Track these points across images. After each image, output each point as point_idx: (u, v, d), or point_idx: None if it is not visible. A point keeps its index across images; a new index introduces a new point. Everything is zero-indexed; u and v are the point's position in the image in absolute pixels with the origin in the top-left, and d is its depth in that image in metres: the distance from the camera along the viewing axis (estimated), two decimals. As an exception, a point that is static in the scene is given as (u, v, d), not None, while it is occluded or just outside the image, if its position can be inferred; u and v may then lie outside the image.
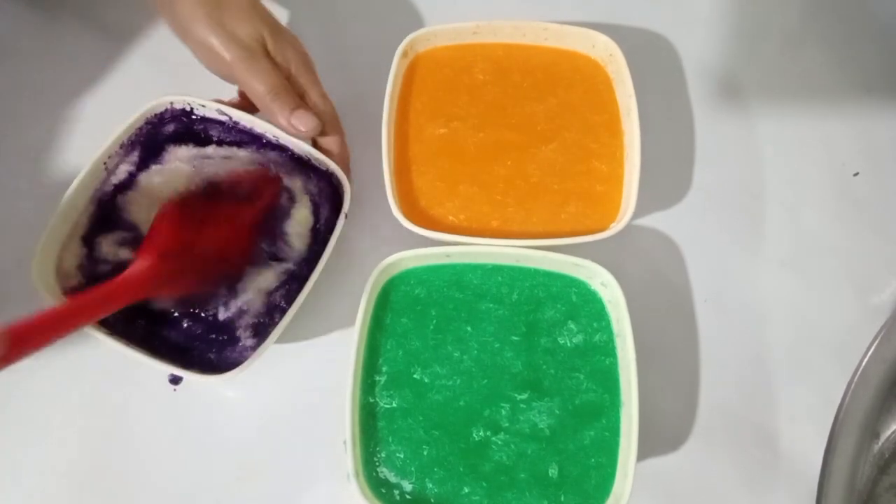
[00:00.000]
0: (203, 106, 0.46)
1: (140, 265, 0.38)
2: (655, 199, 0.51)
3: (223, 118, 0.47)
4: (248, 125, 0.47)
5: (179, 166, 0.45)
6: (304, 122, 0.44)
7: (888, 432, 0.45)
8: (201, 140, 0.47)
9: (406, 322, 0.44)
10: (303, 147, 0.46)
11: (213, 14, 0.42)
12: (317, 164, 0.46)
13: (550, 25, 0.50)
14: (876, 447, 0.44)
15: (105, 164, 0.44)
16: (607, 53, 0.50)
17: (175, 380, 0.46)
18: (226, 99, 0.47)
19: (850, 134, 0.54)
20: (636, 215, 0.45)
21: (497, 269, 0.46)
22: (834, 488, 0.40)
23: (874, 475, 0.44)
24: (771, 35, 0.57)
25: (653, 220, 0.51)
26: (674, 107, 0.54)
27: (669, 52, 0.56)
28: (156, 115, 0.46)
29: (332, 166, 0.45)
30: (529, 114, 0.49)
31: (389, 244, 0.46)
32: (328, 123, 0.46)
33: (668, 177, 0.52)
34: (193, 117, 0.47)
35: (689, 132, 0.54)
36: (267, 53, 0.44)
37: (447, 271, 0.45)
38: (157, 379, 0.46)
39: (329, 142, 0.46)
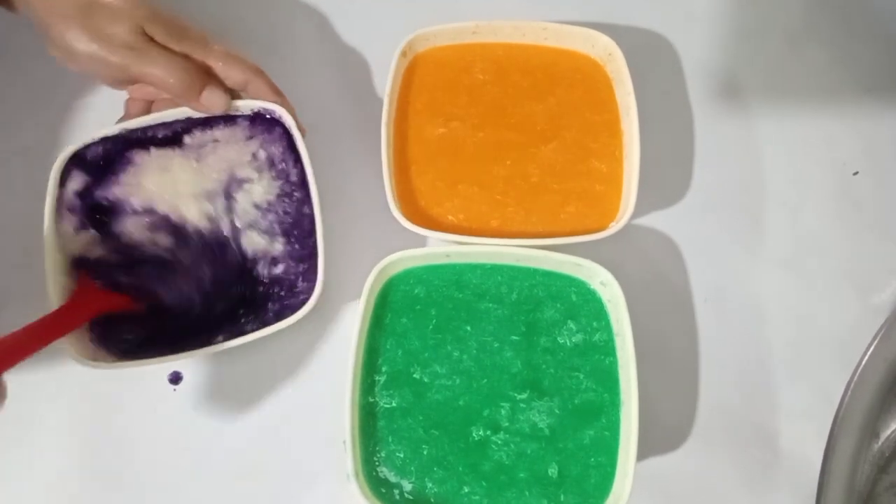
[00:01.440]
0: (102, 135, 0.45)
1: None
2: (655, 199, 0.51)
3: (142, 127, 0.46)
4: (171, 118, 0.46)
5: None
6: (214, 101, 0.44)
7: (888, 432, 0.45)
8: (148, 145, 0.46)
9: (406, 322, 0.44)
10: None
11: (86, 24, 0.41)
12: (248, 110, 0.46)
13: (550, 25, 0.50)
14: (876, 447, 0.44)
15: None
16: (607, 53, 0.50)
17: (175, 379, 0.46)
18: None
19: (850, 134, 0.54)
20: (636, 215, 0.45)
21: (497, 269, 0.46)
22: (834, 488, 0.40)
23: (874, 475, 0.44)
24: (771, 35, 0.57)
25: (652, 220, 0.51)
26: (674, 107, 0.54)
27: (669, 52, 0.56)
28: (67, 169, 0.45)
29: (262, 104, 0.45)
30: (529, 114, 0.49)
31: (389, 244, 0.46)
32: (246, 73, 0.45)
33: (668, 177, 0.52)
34: (111, 145, 0.46)
35: (689, 132, 0.53)
36: (152, 41, 0.43)
37: (447, 271, 0.45)
38: (157, 379, 0.46)
39: (256, 89, 0.46)
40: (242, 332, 0.42)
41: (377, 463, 0.41)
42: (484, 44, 0.51)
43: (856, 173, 0.53)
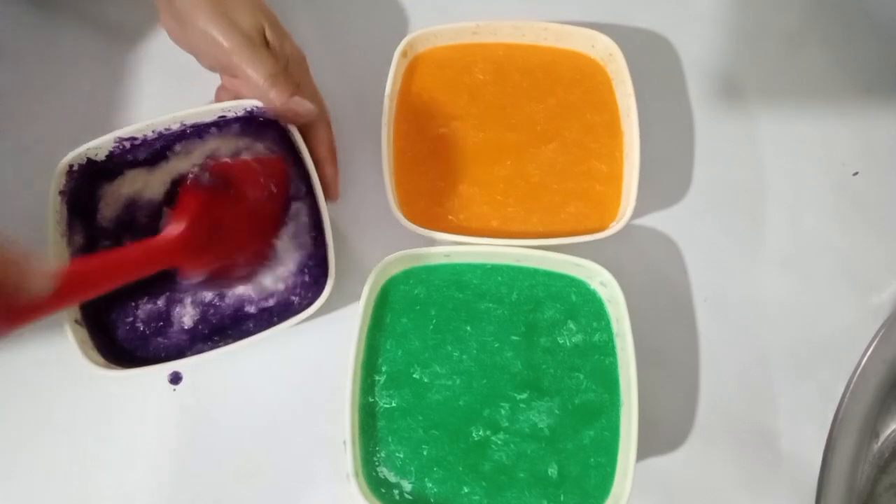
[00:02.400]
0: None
1: (173, 230, 0.38)
2: (655, 199, 0.51)
3: (145, 136, 0.45)
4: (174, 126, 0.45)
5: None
6: (302, 105, 0.44)
7: (888, 432, 0.45)
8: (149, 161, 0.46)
9: (406, 322, 0.44)
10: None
11: (215, 3, 0.43)
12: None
13: (550, 25, 0.50)
14: (876, 447, 0.44)
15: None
16: (607, 53, 0.50)
17: (175, 379, 0.46)
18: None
19: (850, 134, 0.54)
20: (636, 215, 0.45)
21: (497, 269, 0.46)
22: (834, 488, 0.40)
23: (874, 475, 0.44)
24: (771, 35, 0.57)
25: (652, 220, 0.51)
26: (674, 107, 0.54)
27: (669, 52, 0.56)
28: (69, 178, 0.44)
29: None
30: (529, 114, 0.49)
31: (389, 244, 0.46)
32: (322, 115, 0.46)
33: (668, 177, 0.52)
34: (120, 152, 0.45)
35: (689, 132, 0.54)
36: (266, 43, 0.44)
37: (447, 271, 0.45)
38: (157, 379, 0.46)
39: (318, 134, 0.46)
40: (248, 333, 0.42)
41: (377, 463, 0.41)
42: (484, 44, 0.51)
43: (855, 173, 0.53)
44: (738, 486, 0.45)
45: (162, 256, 0.37)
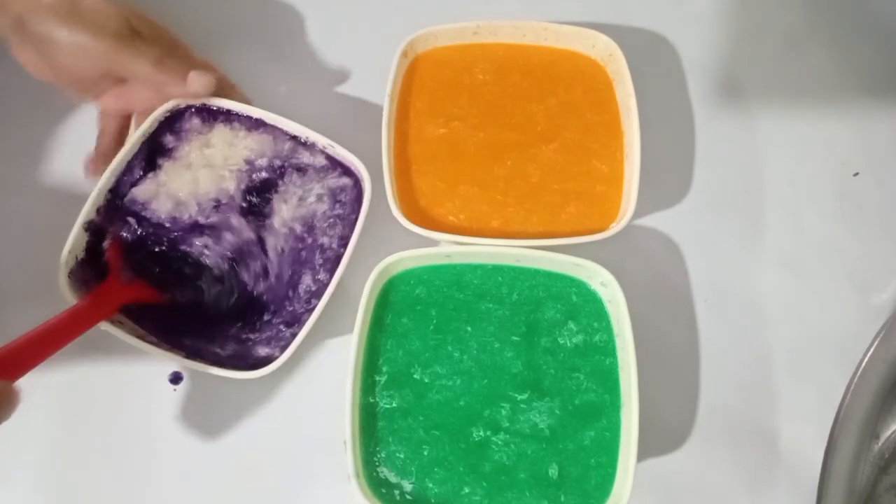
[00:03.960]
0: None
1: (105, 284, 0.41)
2: (655, 199, 0.51)
3: (233, 109, 0.47)
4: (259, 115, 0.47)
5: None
6: (198, 80, 0.43)
7: (888, 432, 0.45)
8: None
9: (406, 322, 0.44)
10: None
11: (73, 16, 0.41)
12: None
13: (550, 25, 0.50)
14: (876, 447, 0.44)
15: (128, 163, 0.45)
16: (607, 53, 0.50)
17: (175, 379, 0.46)
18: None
19: (850, 134, 0.54)
20: (636, 215, 0.45)
21: (497, 269, 0.46)
22: (834, 488, 0.40)
23: (874, 475, 0.44)
24: (771, 35, 0.57)
25: (653, 220, 0.51)
26: (674, 107, 0.54)
27: (669, 52, 0.56)
28: (171, 113, 0.46)
29: (351, 159, 0.46)
30: (529, 114, 0.49)
31: (389, 244, 0.46)
32: (219, 84, 0.46)
33: (668, 177, 0.52)
34: (211, 109, 0.47)
35: (689, 132, 0.54)
36: (138, 34, 0.43)
37: (447, 271, 0.45)
38: (157, 379, 0.46)
39: (233, 97, 0.46)
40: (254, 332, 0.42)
41: (377, 463, 0.41)
42: (484, 44, 0.51)
43: (856, 174, 0.53)
44: (738, 486, 0.45)
45: (86, 320, 0.39)
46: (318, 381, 0.46)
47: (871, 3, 0.58)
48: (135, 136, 0.44)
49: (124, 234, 0.44)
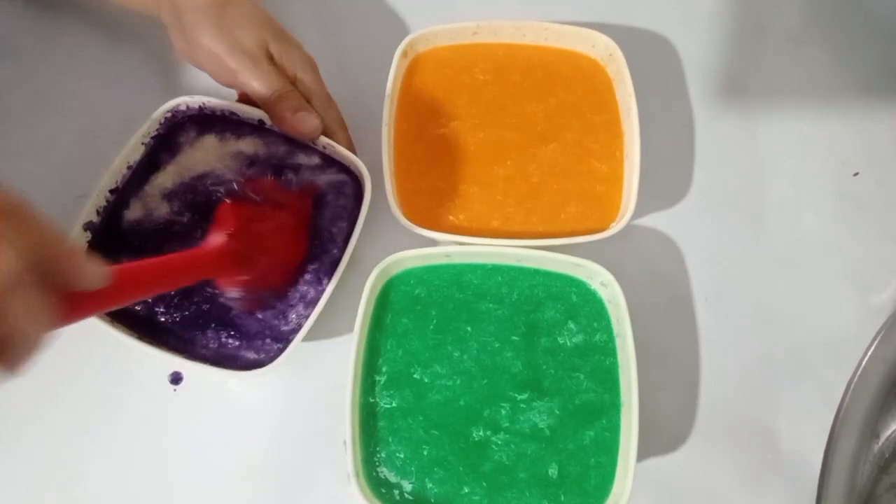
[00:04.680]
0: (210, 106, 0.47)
1: (214, 240, 0.39)
2: (655, 199, 0.51)
3: (237, 116, 0.48)
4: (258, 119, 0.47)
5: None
6: (306, 122, 0.44)
7: (888, 432, 0.45)
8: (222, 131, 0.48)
9: (406, 322, 0.44)
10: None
11: (220, 23, 0.43)
12: (333, 155, 0.47)
13: (550, 25, 0.50)
14: (876, 447, 0.44)
15: (128, 163, 0.45)
16: (607, 53, 0.50)
17: (175, 379, 0.46)
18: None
19: (850, 134, 0.54)
20: (636, 215, 0.45)
21: (497, 269, 0.46)
22: (834, 488, 0.40)
23: (874, 475, 0.44)
24: (771, 35, 0.57)
25: (653, 220, 0.51)
26: (674, 107, 0.54)
27: (669, 52, 0.56)
28: (171, 114, 0.47)
29: (351, 158, 0.46)
30: (529, 114, 0.49)
31: (389, 244, 0.46)
32: (333, 124, 0.47)
33: (668, 177, 0.52)
34: (207, 114, 0.48)
35: (689, 132, 0.54)
36: (270, 58, 0.45)
37: (447, 271, 0.45)
38: (157, 379, 0.46)
39: (337, 140, 0.47)
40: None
41: (377, 463, 0.41)
42: (484, 44, 0.51)
43: (856, 174, 0.53)
44: (738, 486, 0.45)
45: (205, 266, 0.38)
46: (318, 381, 0.46)
47: (871, 3, 0.58)
48: (133, 138, 0.45)
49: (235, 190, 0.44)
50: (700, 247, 0.50)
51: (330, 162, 0.47)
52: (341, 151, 0.46)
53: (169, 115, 0.46)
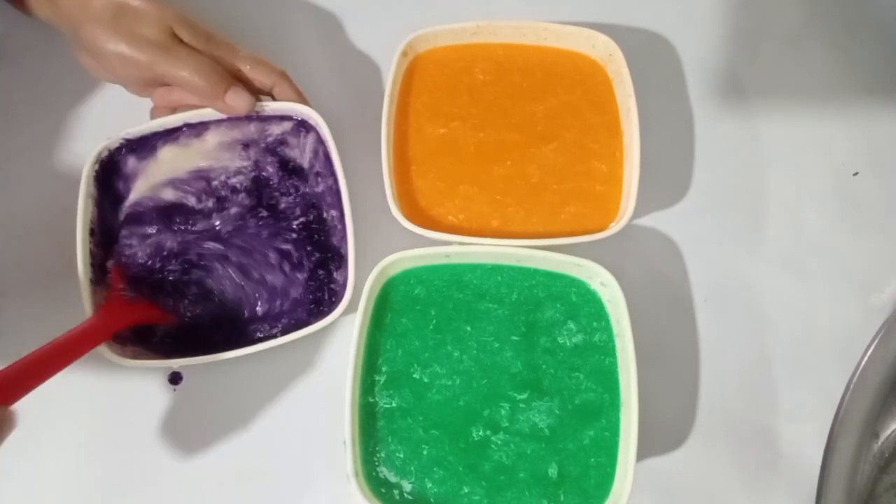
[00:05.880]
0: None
1: (90, 322, 0.41)
2: (655, 199, 0.51)
3: (171, 126, 0.47)
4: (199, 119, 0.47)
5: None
6: (239, 100, 0.44)
7: (888, 432, 0.45)
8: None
9: (406, 322, 0.44)
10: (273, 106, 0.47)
11: (117, 25, 0.42)
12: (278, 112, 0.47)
13: (550, 25, 0.50)
14: (876, 447, 0.44)
15: (91, 226, 0.44)
16: (607, 53, 0.50)
17: (175, 379, 0.46)
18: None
19: (850, 134, 0.54)
20: (636, 215, 0.45)
21: (497, 269, 0.46)
22: (834, 488, 0.40)
23: (874, 475, 0.44)
24: (771, 35, 0.57)
25: (653, 220, 0.51)
26: (674, 107, 0.54)
27: (669, 52, 0.56)
28: (104, 159, 0.45)
29: (301, 109, 0.46)
30: (529, 114, 0.49)
31: (389, 244, 0.46)
32: (268, 78, 0.46)
33: (668, 177, 0.52)
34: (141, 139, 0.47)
35: (689, 132, 0.53)
36: (181, 42, 0.44)
37: (447, 271, 0.45)
38: (157, 379, 0.46)
39: (281, 92, 0.46)
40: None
41: (377, 463, 0.41)
42: (484, 44, 0.51)
43: (856, 174, 0.53)
44: (738, 486, 0.45)
45: (86, 343, 0.39)
46: (317, 381, 0.46)
47: (871, 3, 0.58)
48: (81, 200, 0.44)
49: (124, 255, 0.45)
50: (700, 247, 0.50)
51: (280, 119, 0.47)
52: (286, 106, 0.46)
53: (98, 167, 0.45)
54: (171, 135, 0.46)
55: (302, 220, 0.46)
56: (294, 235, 0.46)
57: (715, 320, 0.49)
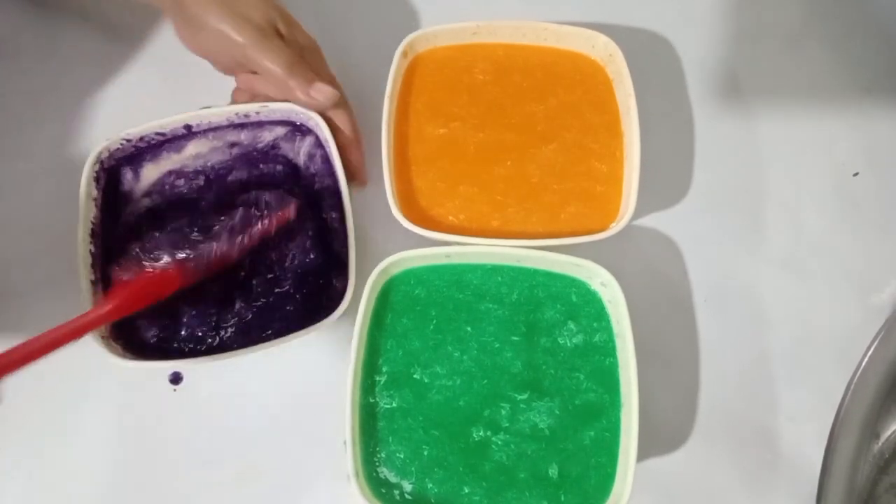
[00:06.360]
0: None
1: (101, 307, 0.40)
2: (655, 199, 0.51)
3: (166, 131, 0.47)
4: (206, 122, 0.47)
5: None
6: (323, 92, 0.45)
7: (888, 432, 0.45)
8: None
9: (406, 322, 0.44)
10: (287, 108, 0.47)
11: (228, 2, 0.43)
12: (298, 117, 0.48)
13: (550, 25, 0.50)
14: (876, 447, 0.44)
15: (91, 228, 0.44)
16: (607, 53, 0.50)
17: (175, 380, 0.46)
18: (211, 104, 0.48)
19: (850, 134, 0.54)
20: (636, 215, 0.45)
21: (497, 269, 0.46)
22: (834, 488, 0.40)
23: (874, 475, 0.44)
24: (771, 35, 0.57)
25: (653, 220, 0.51)
26: (674, 107, 0.54)
27: (669, 52, 0.56)
28: (104, 160, 0.45)
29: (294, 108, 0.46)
30: (529, 114, 0.49)
31: (389, 244, 0.46)
32: (341, 99, 0.47)
33: (668, 177, 0.52)
34: (140, 145, 0.47)
35: (689, 132, 0.54)
36: (279, 34, 0.45)
37: (447, 271, 0.45)
38: (157, 379, 0.46)
39: (339, 118, 0.47)
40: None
41: (377, 463, 0.41)
42: (484, 44, 0.51)
43: (856, 174, 0.53)
44: (738, 486, 0.45)
45: (91, 326, 0.39)
46: (317, 381, 0.46)
47: (871, 3, 0.58)
48: (81, 200, 0.44)
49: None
50: (700, 247, 0.50)
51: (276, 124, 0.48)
52: (278, 107, 0.46)
53: (98, 166, 0.45)
54: (154, 151, 0.47)
55: (300, 221, 0.46)
56: (293, 236, 0.46)
57: (715, 320, 0.49)
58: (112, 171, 0.46)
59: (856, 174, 0.53)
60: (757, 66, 0.56)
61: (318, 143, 0.47)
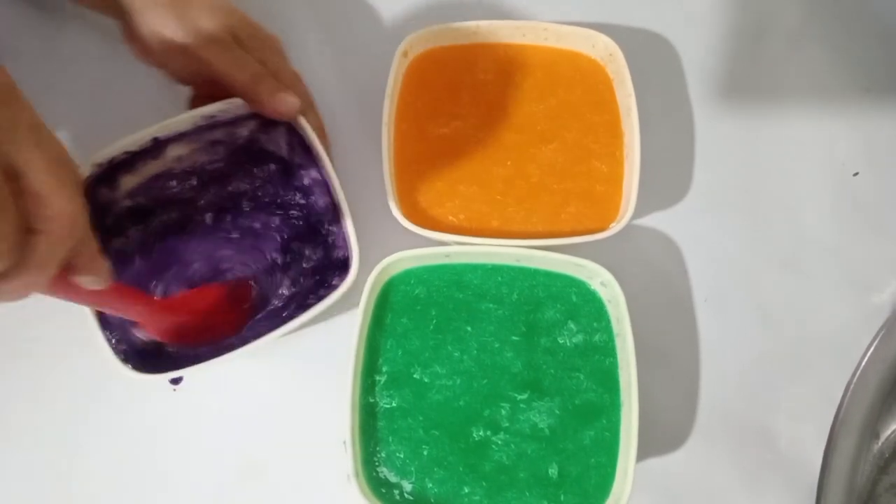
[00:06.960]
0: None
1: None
2: (655, 199, 0.51)
3: (136, 148, 0.45)
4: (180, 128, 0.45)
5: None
6: (286, 102, 0.44)
7: (888, 432, 0.45)
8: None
9: (406, 322, 0.44)
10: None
11: (182, 14, 0.43)
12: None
13: (550, 25, 0.50)
14: (876, 447, 0.44)
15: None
16: (607, 53, 0.50)
17: (175, 380, 0.46)
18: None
19: (850, 134, 0.54)
20: (636, 215, 0.45)
21: (497, 269, 0.46)
22: (834, 488, 0.40)
23: (874, 475, 0.44)
24: (771, 35, 0.57)
25: (653, 220, 0.51)
26: (674, 107, 0.54)
27: (669, 52, 0.56)
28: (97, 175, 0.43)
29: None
30: (529, 114, 0.49)
31: (389, 244, 0.46)
32: (307, 101, 0.47)
33: (668, 177, 0.52)
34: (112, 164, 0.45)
35: (689, 132, 0.53)
36: (239, 42, 0.44)
37: (447, 271, 0.45)
38: (157, 379, 0.46)
39: (308, 121, 0.46)
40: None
41: (377, 463, 0.41)
42: (484, 44, 0.51)
43: (856, 174, 0.53)
44: (738, 486, 0.45)
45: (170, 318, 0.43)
46: (317, 381, 0.46)
47: (871, 3, 0.58)
48: None
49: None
50: (700, 247, 0.50)
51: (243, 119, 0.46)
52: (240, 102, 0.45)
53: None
54: (127, 166, 0.45)
55: (296, 220, 0.46)
56: (287, 234, 0.46)
57: (715, 320, 0.49)
58: (88, 193, 0.43)
59: (856, 174, 0.53)
60: (757, 66, 0.56)
61: (291, 130, 0.46)
